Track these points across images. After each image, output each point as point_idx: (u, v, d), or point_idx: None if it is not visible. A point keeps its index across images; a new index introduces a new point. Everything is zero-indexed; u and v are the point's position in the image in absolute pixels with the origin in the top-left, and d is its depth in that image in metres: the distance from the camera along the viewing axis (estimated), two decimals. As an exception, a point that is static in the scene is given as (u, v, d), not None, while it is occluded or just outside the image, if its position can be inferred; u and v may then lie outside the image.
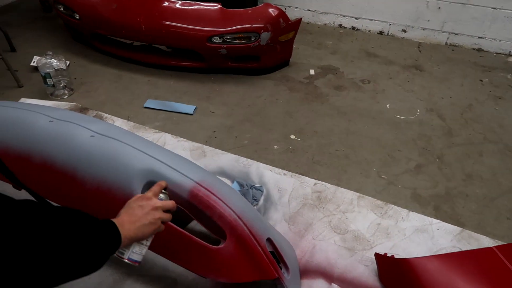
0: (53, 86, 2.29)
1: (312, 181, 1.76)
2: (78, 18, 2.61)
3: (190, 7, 2.38)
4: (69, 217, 0.80)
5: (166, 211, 0.97)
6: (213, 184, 1.27)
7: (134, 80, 2.51)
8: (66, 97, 2.35)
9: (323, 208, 1.67)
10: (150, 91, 2.41)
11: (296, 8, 3.34)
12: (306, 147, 2.01)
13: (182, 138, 2.05)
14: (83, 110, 2.24)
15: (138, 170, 1.25)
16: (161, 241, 1.08)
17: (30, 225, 0.71)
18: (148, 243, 0.97)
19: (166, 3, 2.39)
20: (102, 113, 2.23)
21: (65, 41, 2.94)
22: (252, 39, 2.34)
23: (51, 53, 2.26)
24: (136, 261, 0.95)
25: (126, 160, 1.27)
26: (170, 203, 0.99)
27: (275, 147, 2.02)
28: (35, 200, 0.83)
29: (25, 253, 0.68)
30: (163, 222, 0.96)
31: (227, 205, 1.24)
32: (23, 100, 2.32)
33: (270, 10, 2.35)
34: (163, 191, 1.02)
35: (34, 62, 2.57)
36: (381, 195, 1.75)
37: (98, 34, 2.66)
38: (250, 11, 2.36)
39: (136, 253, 0.95)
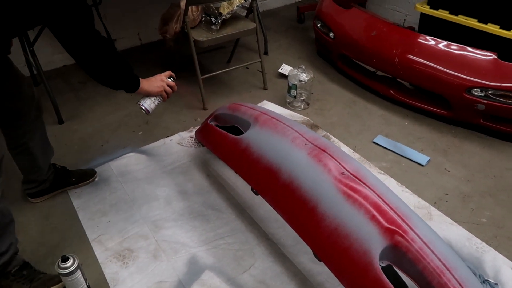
0: (294, 97, 2.41)
1: None
2: (332, 37, 2.69)
3: (456, 51, 2.15)
4: (123, 59, 1.46)
5: (170, 88, 1.64)
6: (466, 279, 1.07)
7: (367, 110, 2.44)
8: (300, 109, 2.45)
9: None
10: (381, 126, 2.30)
11: None
12: None
13: (407, 190, 1.88)
14: (313, 127, 2.29)
15: (383, 230, 1.15)
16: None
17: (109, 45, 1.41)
18: (156, 102, 1.63)
19: (431, 42, 2.21)
20: (330, 136, 2.23)
21: (309, 54, 3.09)
22: (524, 102, 1.96)
23: (303, 67, 2.38)
24: (146, 109, 1.61)
25: (373, 213, 1.18)
26: (172, 82, 1.64)
27: (523, 241, 1.64)
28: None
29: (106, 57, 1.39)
30: (168, 96, 1.66)
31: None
32: (265, 102, 2.53)
33: (561, 73, 1.91)
34: (172, 78, 1.66)
35: (281, 69, 2.77)
36: None
37: (344, 55, 2.69)
38: (533, 70, 1.98)
39: (146, 103, 1.61)
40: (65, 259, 1.30)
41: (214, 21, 2.31)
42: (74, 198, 1.84)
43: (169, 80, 1.64)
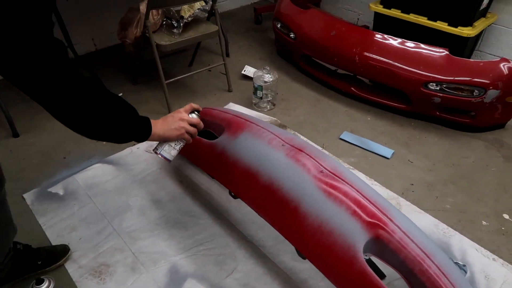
0: (261, 98, 2.43)
1: (532, 280, 1.47)
2: (293, 37, 2.74)
3: (412, 49, 2.26)
4: (120, 100, 1.10)
5: (193, 126, 1.29)
6: (445, 264, 1.14)
7: (332, 108, 2.51)
8: (266, 110, 2.47)
9: (547, 320, 1.37)
10: (346, 123, 2.37)
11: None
12: (524, 234, 1.70)
13: (376, 182, 1.95)
14: (281, 127, 2.32)
15: (365, 224, 1.19)
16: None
17: (93, 90, 1.00)
18: (177, 148, 1.29)
19: (389, 41, 2.32)
20: (298, 134, 2.27)
21: (270, 54, 3.13)
22: (475, 93, 2.10)
23: (268, 68, 2.40)
24: (166, 158, 1.28)
25: (354, 208, 1.22)
26: (196, 120, 1.31)
27: (484, 223, 1.76)
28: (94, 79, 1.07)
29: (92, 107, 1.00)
30: (192, 137, 1.30)
31: (459, 294, 1.09)
32: (231, 104, 2.52)
33: (506, 66, 2.07)
34: (196, 112, 1.33)
35: (245, 71, 2.78)
36: None
37: (305, 55, 2.75)
38: (481, 64, 2.12)
39: (165, 151, 1.28)
40: (39, 282, 1.24)
41: (175, 25, 2.28)
42: (39, 216, 1.74)
43: (192, 116, 1.31)
